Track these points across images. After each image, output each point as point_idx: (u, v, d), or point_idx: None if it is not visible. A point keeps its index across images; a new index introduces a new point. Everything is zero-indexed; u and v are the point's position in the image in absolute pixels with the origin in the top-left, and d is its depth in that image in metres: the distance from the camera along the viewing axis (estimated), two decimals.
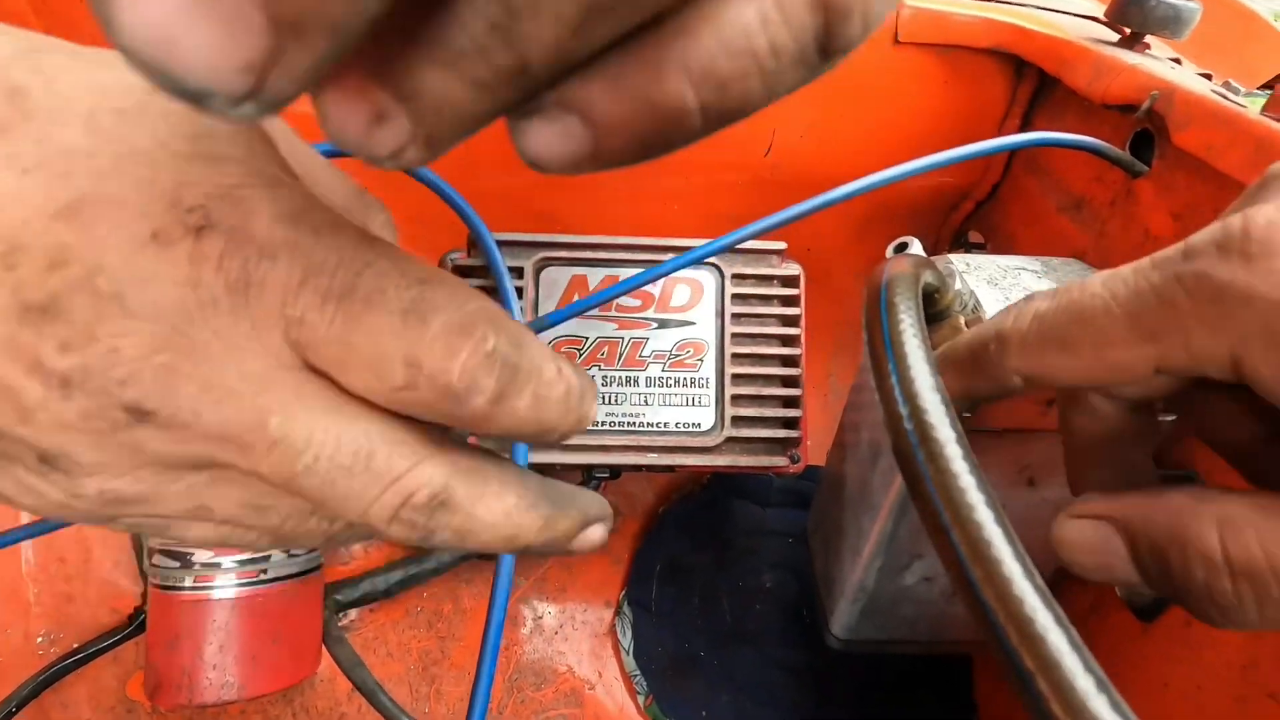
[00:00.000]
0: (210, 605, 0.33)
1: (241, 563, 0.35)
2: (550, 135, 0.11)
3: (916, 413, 0.18)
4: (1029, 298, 0.19)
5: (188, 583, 0.35)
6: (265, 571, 0.34)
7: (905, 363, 0.19)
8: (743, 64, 0.10)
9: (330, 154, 0.33)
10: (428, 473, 0.14)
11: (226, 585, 0.34)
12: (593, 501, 0.17)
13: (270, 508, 0.15)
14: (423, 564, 0.42)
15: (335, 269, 0.13)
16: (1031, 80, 0.47)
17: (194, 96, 0.08)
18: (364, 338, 0.13)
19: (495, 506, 0.15)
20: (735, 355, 0.40)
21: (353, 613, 0.44)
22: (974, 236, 0.57)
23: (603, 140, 0.11)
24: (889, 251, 0.32)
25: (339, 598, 0.40)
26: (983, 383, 0.20)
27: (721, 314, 0.40)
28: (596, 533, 0.16)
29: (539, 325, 0.33)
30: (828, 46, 0.10)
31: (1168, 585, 0.17)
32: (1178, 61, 0.42)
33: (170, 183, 0.13)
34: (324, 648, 0.37)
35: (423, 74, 0.09)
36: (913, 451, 0.17)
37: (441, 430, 0.15)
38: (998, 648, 0.15)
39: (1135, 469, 0.21)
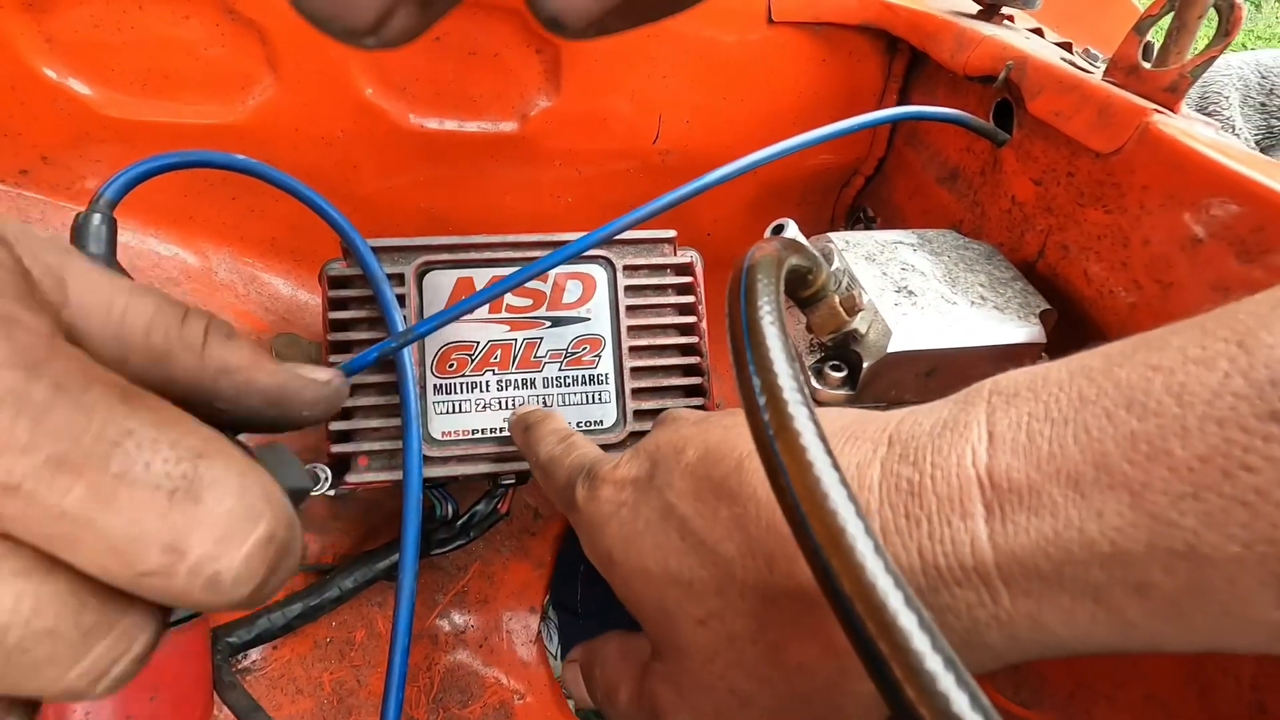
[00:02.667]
0: None
1: None
2: None
3: (772, 402, 0.17)
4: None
5: None
6: None
7: (761, 350, 0.18)
8: None
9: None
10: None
11: None
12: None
13: None
14: (324, 593, 0.40)
15: (80, 434, 0.11)
16: (904, 55, 0.48)
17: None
18: (115, 517, 0.11)
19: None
20: (633, 348, 0.39)
21: (254, 653, 0.42)
22: (872, 211, 0.58)
23: None
24: (767, 234, 0.32)
25: (232, 640, 0.37)
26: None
27: (616, 308, 0.39)
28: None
29: (409, 338, 0.31)
30: None
31: (601, 709, 0.25)
32: (1039, 32, 0.44)
33: None
34: (216, 696, 0.35)
35: None
36: (769, 441, 0.17)
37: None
38: (854, 634, 0.15)
39: None
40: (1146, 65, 0.32)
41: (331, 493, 0.36)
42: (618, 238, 0.40)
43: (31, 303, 0.13)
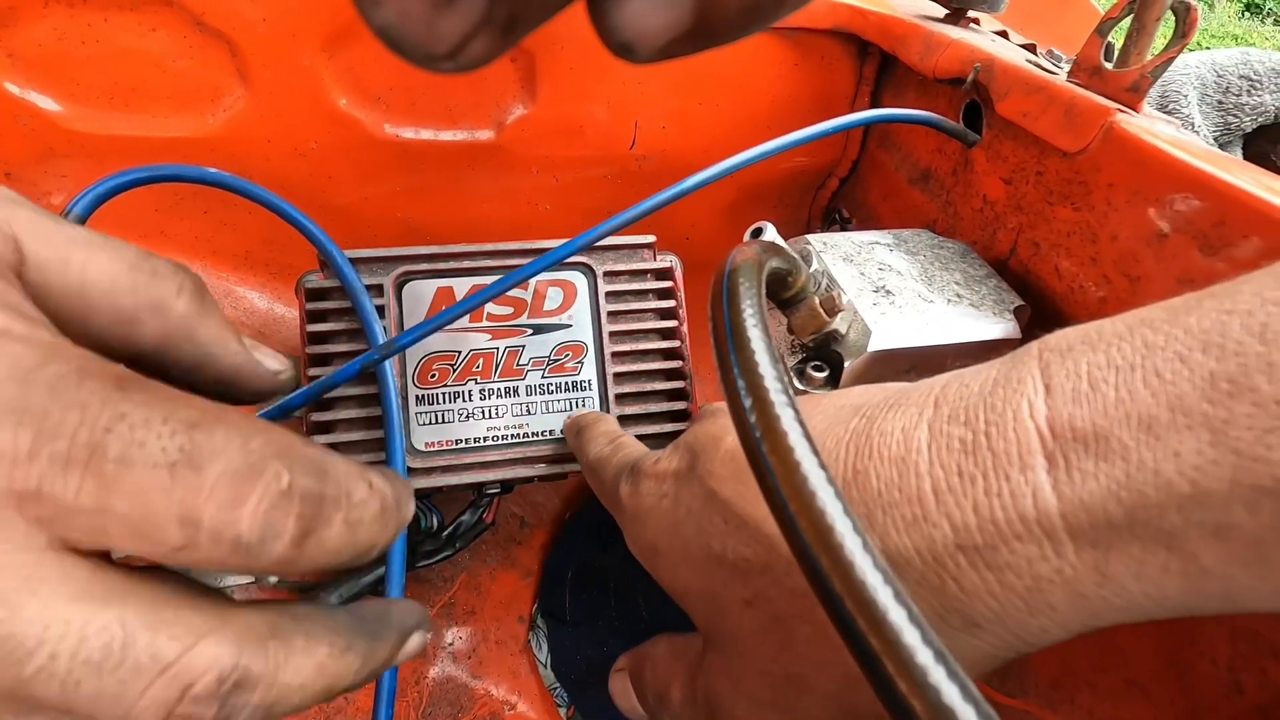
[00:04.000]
0: None
1: None
2: (650, 5, 0.10)
3: (758, 404, 0.17)
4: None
5: None
6: None
7: (745, 353, 0.19)
8: None
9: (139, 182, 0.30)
10: (210, 653, 0.12)
11: None
12: (409, 612, 0.16)
13: None
14: None
15: (76, 429, 0.11)
16: (875, 59, 0.49)
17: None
18: (125, 501, 0.11)
19: (305, 665, 0.13)
20: (615, 354, 0.39)
21: None
22: (847, 213, 0.59)
23: (711, 6, 0.10)
24: (746, 237, 0.32)
25: None
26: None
27: (597, 314, 0.39)
28: (415, 642, 0.16)
29: (392, 350, 0.31)
30: None
31: (653, 714, 0.25)
32: (1003, 35, 0.45)
33: None
34: None
35: None
36: (755, 444, 0.17)
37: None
38: (846, 634, 0.15)
39: None
40: (1108, 66, 0.33)
41: None
42: (597, 244, 0.40)
43: (21, 309, 0.13)
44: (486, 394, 0.38)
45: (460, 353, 0.38)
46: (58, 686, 0.11)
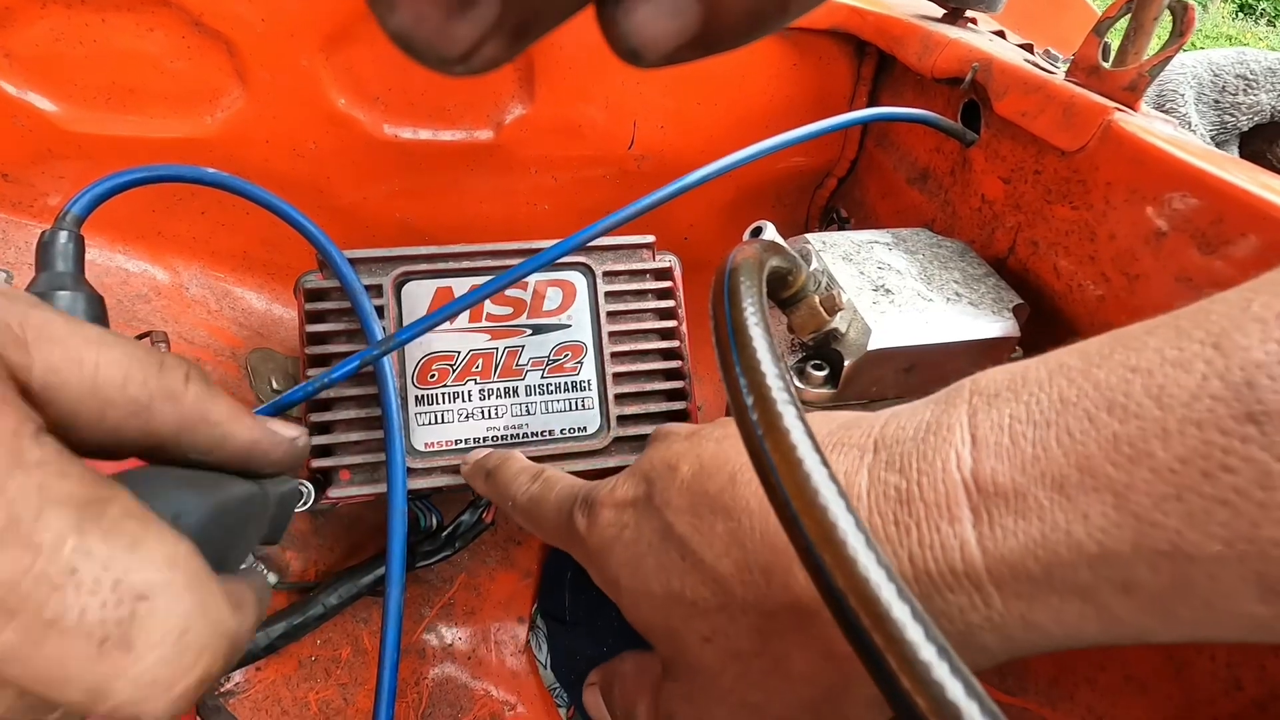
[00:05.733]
0: None
1: None
2: (657, 12, 0.10)
3: (760, 403, 0.18)
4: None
5: None
6: None
7: (747, 351, 0.19)
8: None
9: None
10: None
11: None
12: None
13: None
14: (307, 611, 0.39)
15: (22, 577, 0.11)
16: (873, 59, 0.49)
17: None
18: (42, 660, 0.12)
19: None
20: (615, 354, 0.39)
21: (236, 675, 0.41)
22: (845, 212, 0.59)
23: (716, 11, 0.10)
24: (745, 236, 0.32)
25: None
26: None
27: (596, 314, 0.39)
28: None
29: (391, 345, 0.31)
30: None
31: None
32: (1001, 34, 0.45)
33: None
34: None
35: None
36: (759, 442, 0.17)
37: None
38: (849, 628, 0.15)
39: None
40: (1106, 65, 0.33)
41: (307, 506, 0.35)
42: (596, 244, 0.40)
43: (15, 397, 0.13)
44: (486, 394, 0.38)
45: (460, 353, 0.38)
46: None
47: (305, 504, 0.34)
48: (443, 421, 0.37)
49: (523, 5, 0.09)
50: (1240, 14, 3.50)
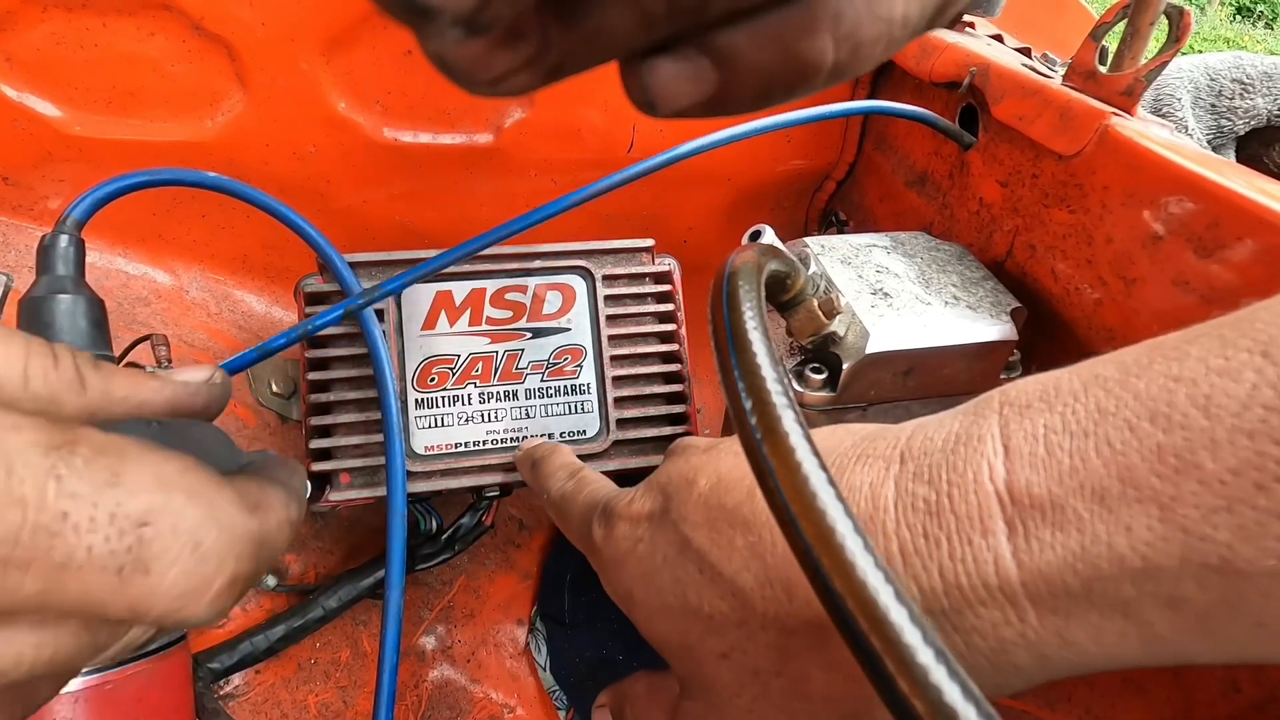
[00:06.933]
0: (48, 706, 0.29)
1: None
2: (677, 75, 0.11)
3: (759, 406, 0.18)
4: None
5: None
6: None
7: (746, 355, 0.19)
8: (880, 30, 0.11)
9: None
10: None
11: None
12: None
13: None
14: (307, 613, 0.39)
15: (19, 531, 0.12)
16: None
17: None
18: (72, 595, 0.13)
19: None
20: (614, 357, 0.39)
21: (236, 678, 0.41)
22: (843, 215, 0.59)
23: (730, 85, 0.11)
24: (744, 240, 0.33)
25: (214, 666, 0.36)
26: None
27: (596, 317, 0.40)
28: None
29: (375, 295, 0.32)
30: (934, 22, 0.12)
31: None
32: (998, 38, 0.45)
33: None
34: None
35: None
36: (757, 446, 0.17)
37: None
38: (846, 632, 0.15)
39: None
40: (1103, 70, 0.33)
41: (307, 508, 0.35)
42: (596, 247, 0.40)
43: None
44: (486, 397, 0.38)
45: (460, 356, 0.38)
46: None
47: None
48: (443, 425, 0.37)
49: (562, 48, 0.10)
50: (1238, 16, 3.51)
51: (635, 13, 0.10)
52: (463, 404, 0.38)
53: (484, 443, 0.38)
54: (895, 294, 0.32)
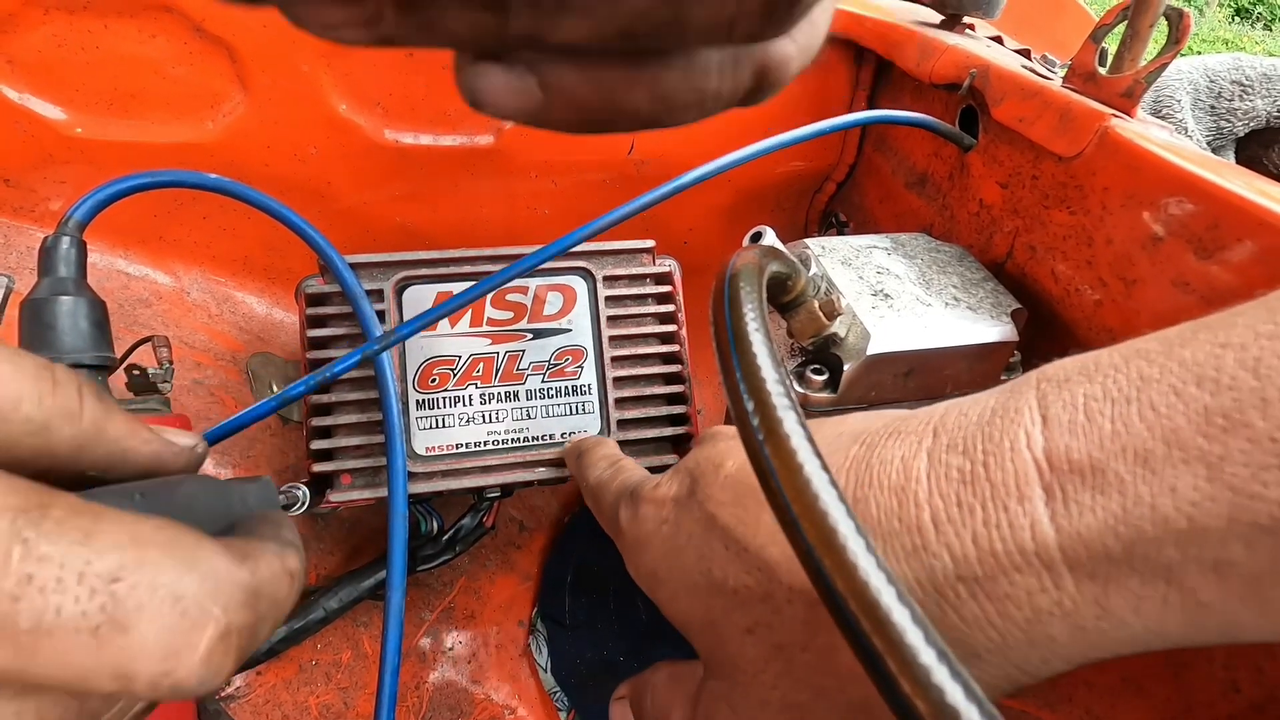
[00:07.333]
0: None
1: None
2: (504, 85, 0.12)
3: (761, 408, 0.18)
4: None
5: None
6: None
7: (748, 357, 0.19)
8: (692, 99, 0.12)
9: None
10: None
11: None
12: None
13: None
14: (308, 615, 0.39)
15: None
16: (871, 64, 0.50)
17: None
18: (48, 664, 0.12)
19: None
20: (615, 358, 0.39)
21: (237, 679, 0.41)
22: (844, 216, 0.59)
23: (551, 109, 0.12)
24: (745, 241, 0.33)
25: None
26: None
27: (597, 318, 0.40)
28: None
29: (391, 340, 0.31)
30: (748, 100, 0.13)
31: None
32: (998, 40, 0.46)
33: None
34: None
35: None
36: (759, 447, 0.17)
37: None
38: (849, 632, 0.15)
39: None
40: (1103, 72, 0.33)
41: (304, 510, 0.35)
42: (596, 249, 0.40)
43: None
44: (487, 398, 0.38)
45: (460, 357, 0.38)
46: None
47: (301, 508, 0.34)
48: (444, 426, 0.37)
49: (396, 25, 0.10)
50: (1237, 18, 3.51)
51: (469, 22, 0.10)
52: (464, 405, 0.38)
53: (485, 444, 0.38)
54: (896, 295, 0.32)
